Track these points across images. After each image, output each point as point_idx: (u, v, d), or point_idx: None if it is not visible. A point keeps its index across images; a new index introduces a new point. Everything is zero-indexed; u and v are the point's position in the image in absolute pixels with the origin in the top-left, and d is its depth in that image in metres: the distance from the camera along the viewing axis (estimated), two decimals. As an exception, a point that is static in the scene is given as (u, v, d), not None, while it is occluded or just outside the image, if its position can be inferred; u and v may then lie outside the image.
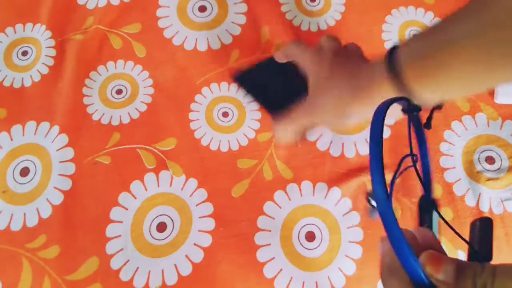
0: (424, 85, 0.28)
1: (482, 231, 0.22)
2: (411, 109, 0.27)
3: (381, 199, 0.19)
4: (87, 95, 0.46)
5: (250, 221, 0.40)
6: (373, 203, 0.36)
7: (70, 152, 0.43)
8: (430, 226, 0.28)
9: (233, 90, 0.46)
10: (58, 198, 0.41)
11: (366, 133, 0.44)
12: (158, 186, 0.41)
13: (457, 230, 0.41)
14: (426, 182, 0.31)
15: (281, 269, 0.39)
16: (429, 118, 0.32)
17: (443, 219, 0.23)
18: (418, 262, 0.19)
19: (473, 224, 0.23)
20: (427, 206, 0.31)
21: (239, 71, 0.34)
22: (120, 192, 0.41)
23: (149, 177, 0.42)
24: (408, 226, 0.38)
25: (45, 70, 0.47)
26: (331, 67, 0.33)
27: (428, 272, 0.19)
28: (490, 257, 0.21)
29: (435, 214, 0.30)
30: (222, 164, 0.42)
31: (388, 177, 0.19)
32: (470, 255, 0.23)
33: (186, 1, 0.50)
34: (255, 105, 0.43)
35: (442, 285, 0.19)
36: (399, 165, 0.25)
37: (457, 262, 0.19)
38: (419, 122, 0.31)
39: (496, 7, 0.23)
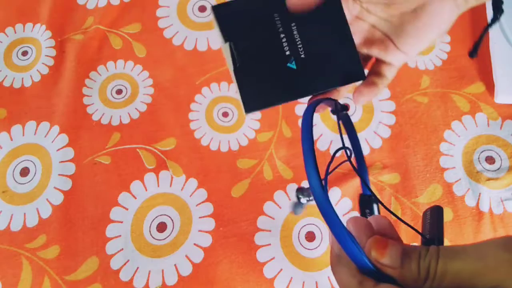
0: None
1: (432, 219, 0.22)
2: (339, 109, 0.27)
3: (316, 191, 0.20)
4: (87, 95, 0.46)
5: (250, 221, 0.40)
6: (301, 199, 0.34)
7: (70, 152, 0.43)
8: None
9: (233, 90, 0.46)
10: (58, 198, 0.41)
11: (365, 133, 0.44)
12: (158, 186, 0.41)
13: (457, 230, 0.41)
14: (363, 178, 0.32)
15: (281, 269, 0.39)
16: (477, 45, 0.29)
17: (386, 208, 0.23)
18: (360, 248, 0.19)
19: (424, 214, 0.23)
20: (367, 202, 0.31)
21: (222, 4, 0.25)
22: (120, 192, 0.41)
23: (149, 177, 0.42)
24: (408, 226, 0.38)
25: (45, 70, 0.47)
26: None
27: (373, 257, 0.19)
28: (441, 243, 0.21)
29: (375, 209, 0.31)
30: (222, 164, 0.42)
31: (389, 177, 0.19)
32: (423, 243, 0.23)
33: (186, 1, 0.50)
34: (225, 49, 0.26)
35: (388, 269, 0.19)
36: (332, 157, 0.25)
37: (402, 246, 0.19)
38: (350, 121, 0.30)
39: None
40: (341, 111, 0.27)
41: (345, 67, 0.26)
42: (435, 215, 0.22)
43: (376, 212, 0.31)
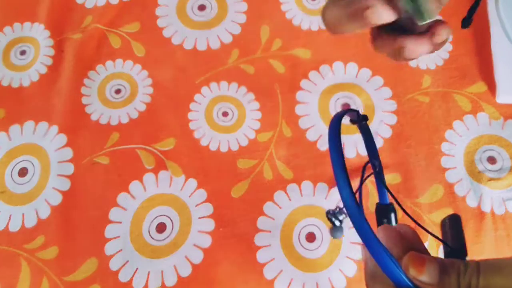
0: None
1: (453, 228, 0.22)
2: (360, 119, 0.26)
3: (353, 211, 0.19)
4: (86, 95, 0.45)
5: (250, 221, 0.40)
6: (335, 222, 0.33)
7: (68, 152, 0.42)
8: None
9: (233, 90, 0.46)
10: (57, 199, 0.41)
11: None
12: (157, 186, 0.41)
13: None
14: (380, 186, 0.31)
15: (281, 270, 0.38)
16: (471, 12, 0.27)
17: (409, 216, 0.22)
18: (399, 266, 0.19)
19: (443, 223, 0.23)
20: (384, 211, 0.30)
21: None
22: (119, 192, 0.41)
23: (148, 177, 0.41)
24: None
25: (44, 70, 0.46)
26: None
27: (412, 274, 0.19)
28: (465, 252, 0.21)
29: (392, 218, 0.30)
30: (222, 164, 0.42)
31: (390, 177, 0.19)
32: (446, 253, 0.22)
33: (186, 0, 0.50)
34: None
35: (426, 287, 0.18)
36: (363, 173, 0.24)
37: (440, 261, 0.19)
38: (369, 131, 0.30)
39: None
40: (362, 120, 0.26)
41: None
42: (454, 224, 0.22)
43: (393, 221, 0.30)
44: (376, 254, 0.19)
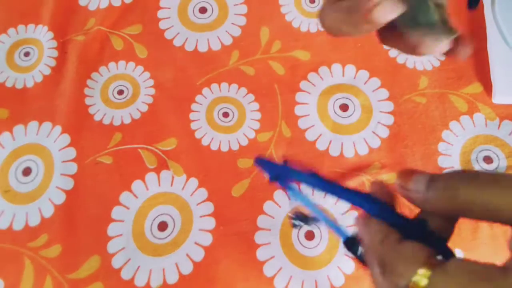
0: None
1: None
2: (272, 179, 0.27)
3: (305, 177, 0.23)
4: (89, 96, 0.46)
5: (250, 220, 0.40)
6: (296, 222, 0.33)
7: (72, 152, 0.43)
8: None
9: (233, 91, 0.46)
10: (60, 198, 0.41)
11: (364, 133, 0.44)
12: (159, 185, 0.42)
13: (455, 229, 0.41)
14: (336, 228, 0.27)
15: (280, 268, 0.39)
16: None
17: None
18: (365, 194, 0.20)
19: None
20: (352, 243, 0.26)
21: None
22: (121, 191, 0.41)
23: (150, 176, 0.42)
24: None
25: (47, 71, 0.47)
26: None
27: (399, 184, 0.19)
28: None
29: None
30: (223, 164, 0.43)
31: (387, 177, 0.20)
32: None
33: (187, 3, 0.51)
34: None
35: (413, 195, 0.18)
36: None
37: (431, 173, 0.18)
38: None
39: None
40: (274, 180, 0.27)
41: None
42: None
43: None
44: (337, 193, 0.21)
